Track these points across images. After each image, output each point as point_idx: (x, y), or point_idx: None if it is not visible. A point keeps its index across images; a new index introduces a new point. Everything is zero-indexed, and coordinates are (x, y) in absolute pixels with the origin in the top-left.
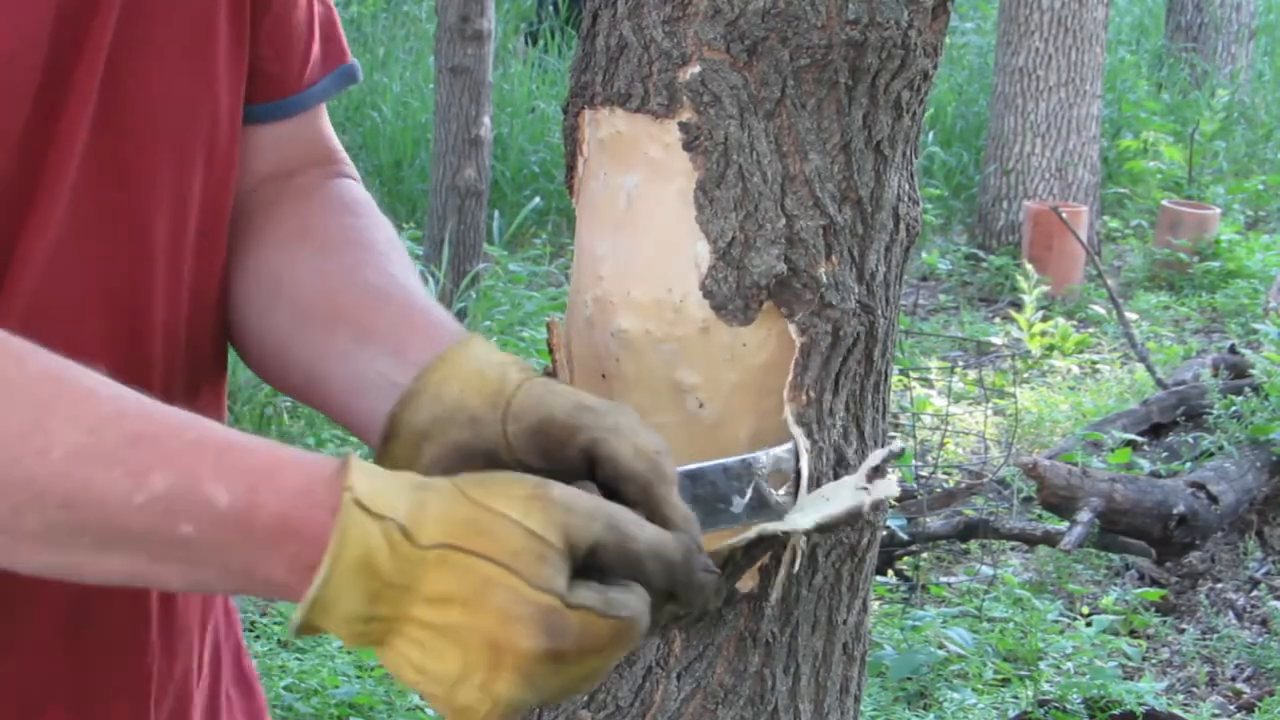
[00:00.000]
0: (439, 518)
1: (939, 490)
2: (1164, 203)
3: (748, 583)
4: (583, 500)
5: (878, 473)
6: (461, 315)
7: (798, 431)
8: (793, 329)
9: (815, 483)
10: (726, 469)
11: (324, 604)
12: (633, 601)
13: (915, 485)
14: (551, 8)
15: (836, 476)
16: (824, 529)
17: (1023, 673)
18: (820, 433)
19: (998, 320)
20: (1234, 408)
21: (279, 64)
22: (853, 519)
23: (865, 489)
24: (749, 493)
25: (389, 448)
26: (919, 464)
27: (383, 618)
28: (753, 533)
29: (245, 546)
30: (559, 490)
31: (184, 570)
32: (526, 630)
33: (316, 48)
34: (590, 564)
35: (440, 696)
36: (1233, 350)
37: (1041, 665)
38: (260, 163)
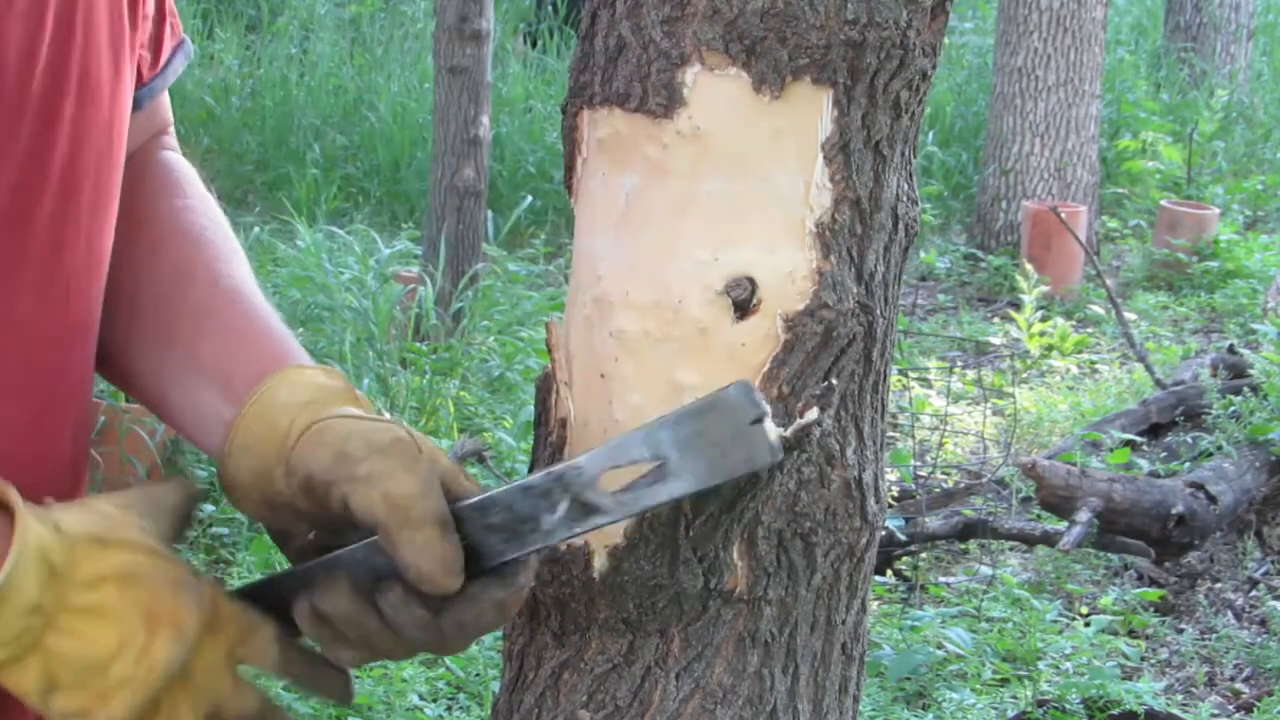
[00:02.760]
0: (83, 521)
1: (938, 490)
2: (1163, 203)
3: (738, 583)
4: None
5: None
6: (459, 315)
7: None
8: (779, 325)
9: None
10: (527, 489)
11: (10, 588)
12: None
13: (914, 485)
14: (550, 8)
15: (821, 473)
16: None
17: (1021, 673)
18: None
19: (996, 320)
20: (1233, 408)
21: (148, 50)
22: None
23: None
24: (563, 506)
25: (233, 496)
26: (918, 464)
27: (44, 610)
28: (557, 541)
29: None
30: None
31: None
32: (189, 596)
33: (167, 25)
34: None
35: (87, 684)
36: (1231, 350)
37: (1040, 665)
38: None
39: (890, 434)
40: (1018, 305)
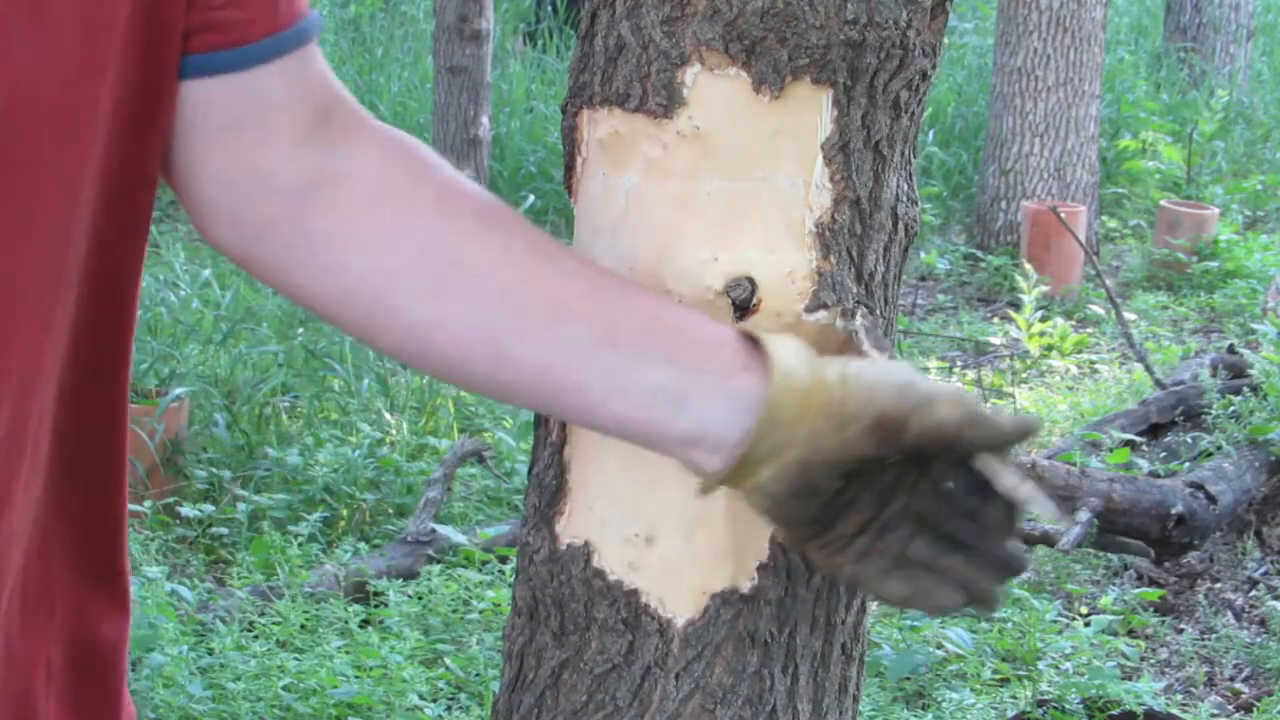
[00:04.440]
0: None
1: None
2: (1162, 203)
3: (745, 582)
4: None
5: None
6: None
7: None
8: (779, 325)
9: None
10: None
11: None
12: None
13: None
14: (550, 8)
15: None
16: None
17: (1021, 673)
18: None
19: (996, 320)
20: (1232, 408)
21: (237, 8)
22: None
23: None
24: None
25: (722, 476)
26: None
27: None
28: None
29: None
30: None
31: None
32: None
33: None
34: None
35: None
36: (1231, 350)
37: (1040, 665)
38: (279, 116)
39: None
40: (1017, 305)
